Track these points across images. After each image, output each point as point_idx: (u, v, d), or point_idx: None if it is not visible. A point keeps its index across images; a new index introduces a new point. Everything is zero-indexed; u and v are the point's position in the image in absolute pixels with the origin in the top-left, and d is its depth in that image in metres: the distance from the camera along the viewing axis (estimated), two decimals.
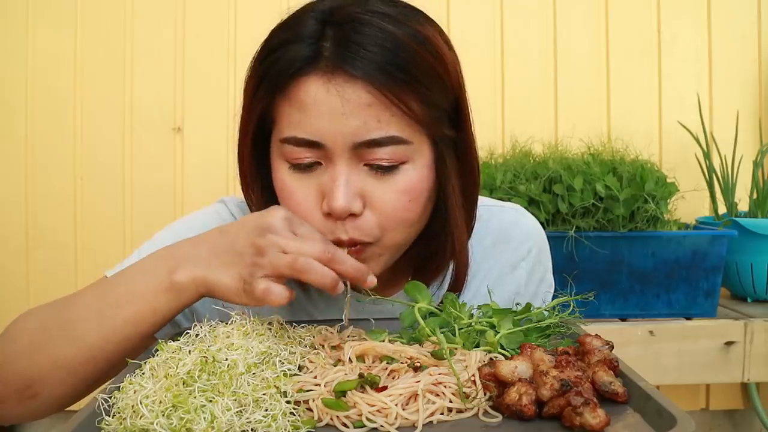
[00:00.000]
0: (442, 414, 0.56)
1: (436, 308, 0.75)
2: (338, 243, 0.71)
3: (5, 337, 0.73)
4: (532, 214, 1.33)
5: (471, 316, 0.74)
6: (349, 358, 0.62)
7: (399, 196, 0.71)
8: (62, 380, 0.70)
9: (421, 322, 0.70)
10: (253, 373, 0.58)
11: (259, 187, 0.79)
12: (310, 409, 0.56)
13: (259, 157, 0.77)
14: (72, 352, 0.69)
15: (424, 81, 0.69)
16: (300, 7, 0.73)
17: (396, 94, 0.68)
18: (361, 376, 0.58)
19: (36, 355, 0.70)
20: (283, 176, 0.73)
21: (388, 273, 0.82)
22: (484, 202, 0.90)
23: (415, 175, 0.72)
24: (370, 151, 0.69)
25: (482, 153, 1.54)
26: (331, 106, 0.67)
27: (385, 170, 0.70)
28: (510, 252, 0.91)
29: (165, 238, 0.82)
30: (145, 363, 0.61)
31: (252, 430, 0.53)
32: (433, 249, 0.80)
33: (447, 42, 0.75)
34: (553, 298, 0.75)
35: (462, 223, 0.78)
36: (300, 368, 0.62)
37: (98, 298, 0.71)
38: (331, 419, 0.55)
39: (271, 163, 0.75)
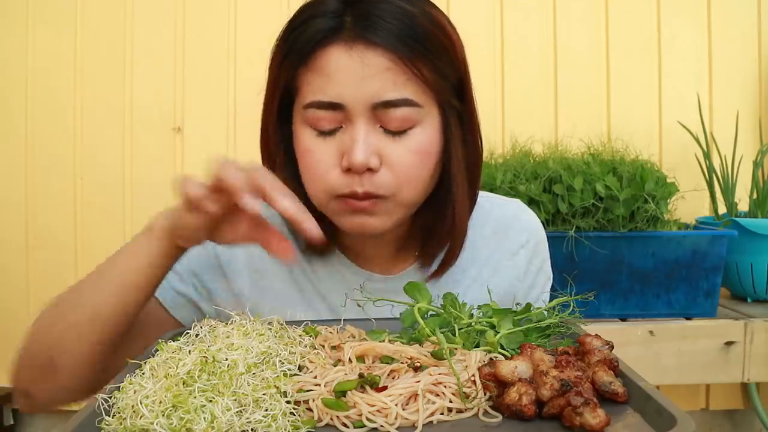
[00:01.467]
0: (442, 414, 0.56)
1: (436, 308, 0.75)
2: (354, 195, 0.76)
3: (33, 327, 0.79)
4: None
5: (471, 316, 0.74)
6: (349, 359, 0.62)
7: (412, 155, 0.77)
8: (74, 344, 0.75)
9: (421, 322, 0.70)
10: (253, 373, 0.58)
11: (282, 157, 0.84)
12: (310, 409, 0.56)
13: (282, 129, 0.83)
14: (78, 314, 0.75)
15: (435, 53, 0.77)
16: None
17: (411, 61, 0.75)
18: (361, 376, 0.58)
19: (52, 326, 0.77)
20: (306, 139, 0.78)
21: (395, 247, 0.89)
22: (488, 195, 0.96)
23: (425, 136, 0.78)
24: (386, 112, 0.75)
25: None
26: (352, 71, 0.74)
27: (399, 131, 0.77)
28: (509, 241, 0.94)
29: None
30: (145, 363, 0.61)
31: (252, 430, 0.53)
32: (438, 217, 0.85)
33: (451, 24, 0.82)
34: (553, 298, 0.75)
35: (464, 193, 0.84)
36: (300, 368, 0.62)
37: (103, 267, 0.79)
38: (331, 419, 0.55)
39: (293, 131, 0.81)
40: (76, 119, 1.72)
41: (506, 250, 0.93)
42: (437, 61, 0.77)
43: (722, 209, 1.57)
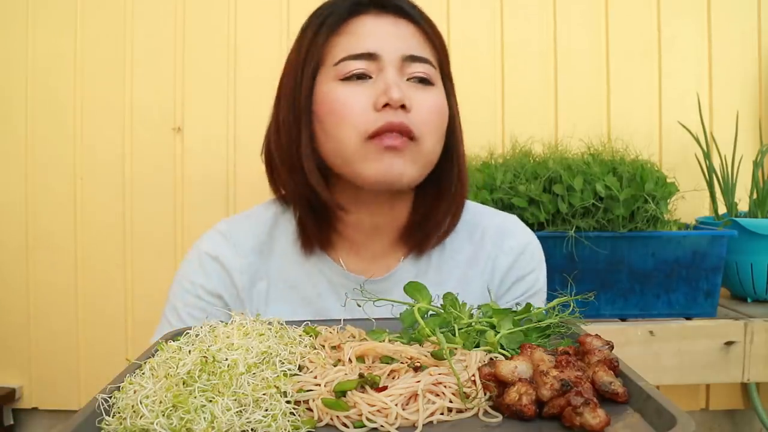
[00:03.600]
0: (442, 414, 0.56)
1: (436, 308, 0.75)
2: (391, 127, 0.83)
3: None
4: (532, 213, 1.34)
5: (471, 316, 0.74)
6: (349, 359, 0.62)
7: (434, 107, 0.89)
8: None
9: (421, 322, 0.70)
10: (253, 373, 0.58)
11: (307, 136, 0.89)
12: (310, 409, 0.56)
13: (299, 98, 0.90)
14: None
15: (436, 35, 0.93)
16: None
17: (428, 34, 0.91)
18: (361, 376, 0.58)
19: None
20: (338, 91, 0.86)
21: (389, 239, 0.95)
22: (488, 208, 1.06)
23: (440, 97, 0.91)
24: (412, 65, 0.88)
25: (482, 153, 1.54)
26: (386, 29, 0.89)
27: (423, 83, 0.89)
28: (496, 246, 0.99)
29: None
30: (145, 363, 0.61)
31: (252, 430, 0.53)
32: (442, 184, 0.94)
33: None
34: (553, 298, 0.75)
35: (464, 156, 0.95)
36: (300, 368, 0.62)
37: None
38: (331, 419, 0.55)
39: (318, 96, 0.88)
40: (76, 119, 1.72)
41: (487, 253, 0.98)
42: (436, 40, 0.92)
43: (722, 209, 1.57)
